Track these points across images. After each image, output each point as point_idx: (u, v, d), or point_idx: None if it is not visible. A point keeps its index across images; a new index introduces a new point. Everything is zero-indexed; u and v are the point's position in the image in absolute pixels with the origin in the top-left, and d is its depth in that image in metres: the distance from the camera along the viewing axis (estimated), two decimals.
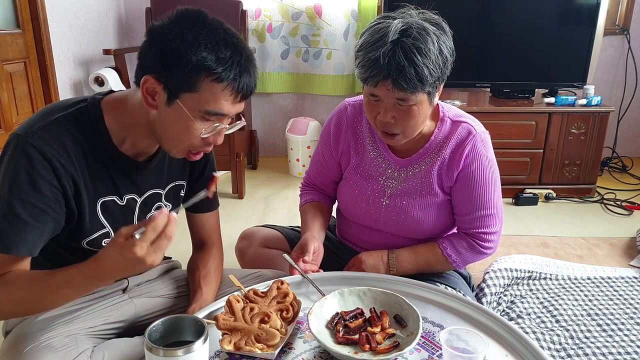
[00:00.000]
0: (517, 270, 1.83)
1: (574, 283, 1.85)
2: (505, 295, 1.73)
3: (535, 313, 1.62)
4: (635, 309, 1.67)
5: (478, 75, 2.97)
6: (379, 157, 1.31)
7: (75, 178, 0.93)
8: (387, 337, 0.94)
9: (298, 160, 3.18)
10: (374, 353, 0.89)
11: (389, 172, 1.31)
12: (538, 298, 1.72)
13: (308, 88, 3.47)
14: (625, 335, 1.52)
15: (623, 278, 1.89)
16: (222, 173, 3.12)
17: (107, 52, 2.78)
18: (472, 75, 2.95)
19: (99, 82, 2.72)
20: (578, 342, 1.49)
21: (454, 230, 1.38)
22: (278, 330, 0.92)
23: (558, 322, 1.58)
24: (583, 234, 2.37)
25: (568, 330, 1.53)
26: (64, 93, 2.69)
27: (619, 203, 2.78)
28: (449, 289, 1.29)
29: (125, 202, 1.03)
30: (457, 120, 1.26)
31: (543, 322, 1.57)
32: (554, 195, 2.83)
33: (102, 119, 0.96)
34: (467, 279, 1.45)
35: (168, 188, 1.12)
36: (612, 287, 1.82)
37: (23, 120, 1.18)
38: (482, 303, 1.65)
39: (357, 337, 0.93)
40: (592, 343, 1.48)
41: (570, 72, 2.88)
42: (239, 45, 0.89)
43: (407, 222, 1.30)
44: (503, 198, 1.31)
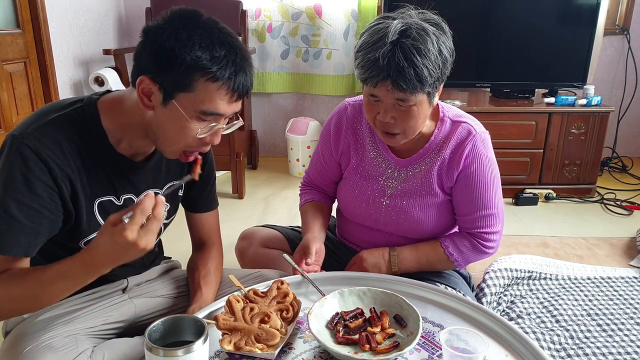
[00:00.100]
0: (517, 270, 1.83)
1: (574, 283, 1.85)
2: (505, 295, 1.73)
3: (535, 313, 1.62)
4: (635, 309, 1.67)
5: (478, 75, 2.97)
6: (379, 157, 1.31)
7: (72, 178, 0.92)
8: (387, 337, 0.94)
9: (298, 160, 3.18)
10: (374, 353, 0.89)
11: (389, 172, 1.31)
12: (538, 298, 1.72)
13: (308, 88, 3.47)
14: (625, 335, 1.52)
15: (623, 278, 1.89)
16: (222, 173, 3.12)
17: (107, 52, 2.78)
18: (472, 75, 2.95)
19: (99, 82, 2.72)
20: (578, 342, 1.49)
21: (455, 230, 1.38)
22: (278, 330, 0.92)
23: (558, 322, 1.58)
24: (583, 234, 2.37)
25: (568, 330, 1.53)
26: (64, 93, 2.69)
27: (619, 203, 2.78)
28: (449, 289, 1.29)
29: (123, 202, 1.03)
30: (457, 120, 1.26)
31: (543, 322, 1.57)
32: (554, 195, 2.83)
33: (98, 119, 0.95)
34: (467, 279, 1.45)
35: (165, 188, 1.11)
36: (612, 287, 1.82)
37: None
38: (482, 303, 1.65)
39: (357, 337, 0.93)
40: (592, 343, 1.48)
41: (570, 72, 2.88)
42: (234, 44, 0.89)
43: (407, 222, 1.30)
44: (503, 198, 1.31)
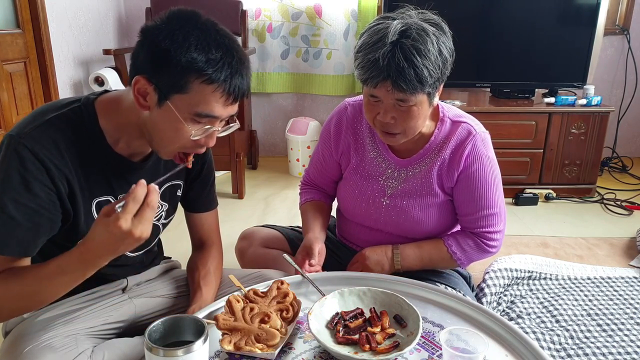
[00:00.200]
0: (517, 270, 1.83)
1: (574, 283, 1.85)
2: (505, 295, 1.73)
3: (535, 313, 1.62)
4: (635, 309, 1.67)
5: (478, 75, 2.97)
6: (379, 157, 1.31)
7: (69, 178, 0.92)
8: (387, 337, 0.94)
9: (298, 160, 3.18)
10: (374, 353, 0.89)
11: (389, 172, 1.31)
12: (538, 298, 1.72)
13: (308, 88, 3.47)
14: (625, 335, 1.52)
15: (623, 278, 1.89)
16: (222, 173, 3.12)
17: (107, 52, 2.78)
18: (472, 75, 2.95)
19: (99, 82, 2.72)
20: (578, 342, 1.49)
21: (457, 229, 1.38)
22: (278, 330, 0.92)
23: (558, 322, 1.58)
24: (583, 234, 2.37)
25: (568, 330, 1.53)
26: (64, 93, 2.69)
27: (619, 203, 2.78)
28: (449, 289, 1.29)
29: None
30: (457, 121, 1.26)
31: (543, 322, 1.57)
32: (554, 195, 2.83)
33: (95, 119, 0.95)
34: (467, 279, 1.45)
35: (164, 188, 1.11)
36: (612, 287, 1.82)
37: None
38: (482, 303, 1.65)
39: (357, 337, 0.93)
40: (592, 343, 1.48)
41: (570, 72, 2.88)
42: (231, 47, 0.88)
43: (407, 222, 1.30)
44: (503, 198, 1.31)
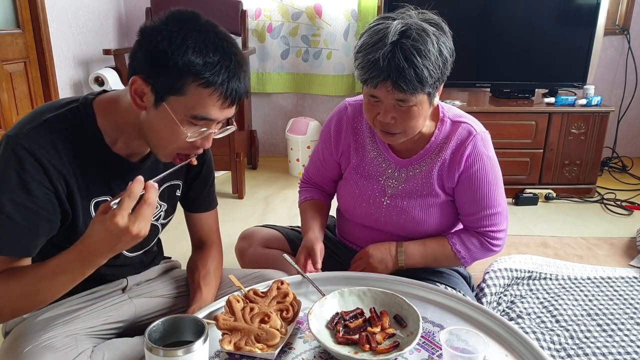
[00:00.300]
0: (517, 270, 1.83)
1: (574, 283, 1.85)
2: (505, 295, 1.73)
3: (535, 313, 1.62)
4: (635, 309, 1.67)
5: (478, 75, 2.97)
6: (379, 157, 1.31)
7: (67, 178, 0.92)
8: (387, 337, 0.94)
9: (298, 160, 3.18)
10: (374, 353, 0.89)
11: (389, 172, 1.31)
12: (538, 298, 1.72)
13: (308, 88, 3.47)
14: (625, 335, 1.52)
15: (623, 278, 1.89)
16: (222, 173, 3.12)
17: (107, 52, 2.78)
18: (472, 75, 2.95)
19: (99, 82, 2.72)
20: (578, 342, 1.49)
21: (459, 227, 1.38)
22: (278, 330, 0.92)
23: (558, 322, 1.58)
24: (583, 234, 2.37)
25: (568, 330, 1.53)
26: (64, 93, 2.69)
27: (619, 203, 2.78)
28: (449, 289, 1.29)
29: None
30: (457, 121, 1.26)
31: (543, 322, 1.57)
32: (554, 195, 2.83)
33: (94, 119, 0.95)
34: (467, 279, 1.45)
35: (163, 188, 1.11)
36: (612, 287, 1.82)
37: None
38: (482, 303, 1.65)
39: (357, 337, 0.93)
40: (592, 343, 1.48)
41: (570, 72, 2.88)
42: (229, 50, 0.88)
43: (407, 222, 1.30)
44: None
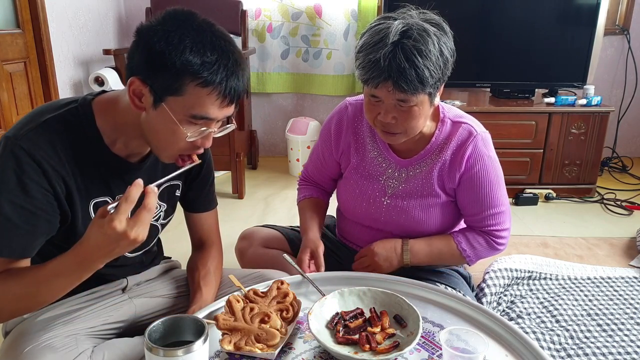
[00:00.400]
0: (517, 270, 1.83)
1: (574, 283, 1.85)
2: (505, 295, 1.73)
3: (535, 313, 1.62)
4: (635, 309, 1.67)
5: (478, 75, 2.97)
6: (380, 156, 1.31)
7: (66, 179, 0.92)
8: (387, 337, 0.94)
9: (298, 160, 3.18)
10: (374, 353, 0.89)
11: (390, 172, 1.31)
12: (538, 298, 1.72)
13: (308, 88, 3.47)
14: (625, 335, 1.52)
15: (623, 278, 1.89)
16: (222, 173, 3.12)
17: (107, 52, 2.78)
18: (472, 75, 2.95)
19: (99, 82, 2.72)
20: (578, 342, 1.49)
21: (457, 228, 1.38)
22: (278, 330, 0.92)
23: (558, 322, 1.58)
24: (583, 234, 2.37)
25: (568, 330, 1.53)
26: (64, 93, 2.68)
27: (619, 203, 2.78)
28: (449, 289, 1.29)
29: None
30: (457, 121, 1.26)
31: (543, 322, 1.57)
32: (554, 195, 2.83)
33: (93, 120, 0.95)
34: (467, 279, 1.45)
35: (163, 188, 1.11)
36: (612, 287, 1.82)
37: None
38: (482, 303, 1.65)
39: (357, 337, 0.93)
40: (592, 343, 1.48)
41: (570, 72, 2.88)
42: (227, 48, 0.87)
43: (408, 222, 1.30)
44: None
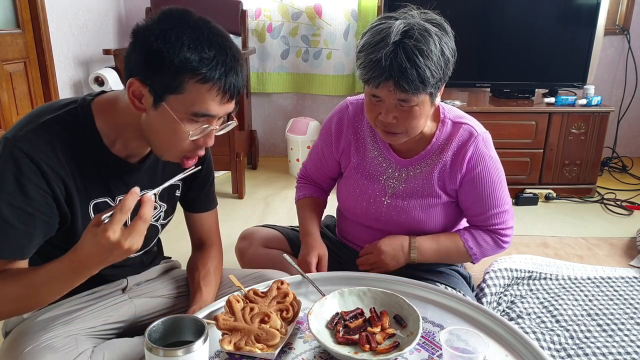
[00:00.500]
0: (517, 270, 1.83)
1: (574, 283, 1.85)
2: (505, 295, 1.73)
3: (535, 313, 1.62)
4: (635, 309, 1.67)
5: (478, 75, 2.97)
6: (380, 156, 1.31)
7: (66, 181, 0.92)
8: (387, 337, 0.94)
9: (298, 160, 3.18)
10: (374, 353, 0.89)
11: (390, 171, 1.31)
12: (538, 298, 1.72)
13: (308, 88, 3.47)
14: (626, 335, 1.52)
15: (623, 278, 1.89)
16: (222, 173, 3.12)
17: (107, 52, 2.78)
18: (472, 75, 2.95)
19: (99, 82, 2.72)
20: (578, 342, 1.49)
21: (457, 228, 1.38)
22: (278, 330, 0.92)
23: (558, 322, 1.58)
24: (583, 234, 2.37)
25: (568, 330, 1.53)
26: (64, 93, 2.68)
27: (619, 203, 2.78)
28: (449, 289, 1.29)
29: (118, 203, 1.03)
30: (458, 122, 1.26)
31: (543, 322, 1.57)
32: (554, 195, 2.83)
33: (92, 121, 0.94)
34: (467, 279, 1.45)
35: (162, 189, 1.11)
36: (612, 287, 1.82)
37: None
38: (482, 303, 1.65)
39: (357, 337, 0.93)
40: (592, 343, 1.48)
41: (570, 72, 2.88)
42: (224, 44, 0.87)
43: (408, 222, 1.30)
44: None
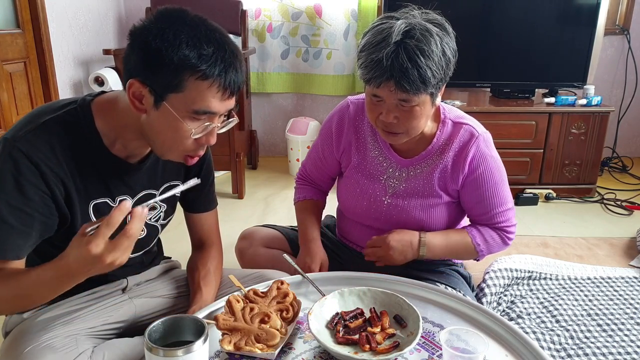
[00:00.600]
0: (517, 270, 1.83)
1: (574, 283, 1.85)
2: (505, 295, 1.73)
3: (535, 313, 1.62)
4: (635, 309, 1.67)
5: (478, 75, 2.97)
6: (381, 156, 1.31)
7: (65, 181, 0.92)
8: (387, 337, 0.94)
9: (298, 160, 3.18)
10: (374, 353, 0.89)
11: (390, 171, 1.31)
12: (538, 298, 1.72)
13: (308, 88, 3.47)
14: (625, 335, 1.52)
15: (623, 278, 1.89)
16: (222, 173, 3.12)
17: (107, 52, 2.78)
18: (472, 75, 2.95)
19: (99, 82, 2.72)
20: (578, 342, 1.49)
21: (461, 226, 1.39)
22: (278, 330, 0.92)
23: (558, 322, 1.58)
24: (583, 234, 2.37)
25: (568, 330, 1.53)
26: (64, 93, 2.68)
27: (619, 203, 2.78)
28: (449, 289, 1.29)
29: (118, 203, 1.02)
30: (458, 122, 1.26)
31: (543, 322, 1.57)
32: (554, 195, 2.83)
33: (92, 121, 0.94)
34: (467, 279, 1.45)
35: (162, 188, 1.11)
36: (612, 287, 1.82)
37: None
38: (482, 303, 1.65)
39: (357, 337, 0.93)
40: (592, 343, 1.48)
41: (570, 72, 2.88)
42: (222, 41, 0.87)
43: (408, 222, 1.30)
44: None
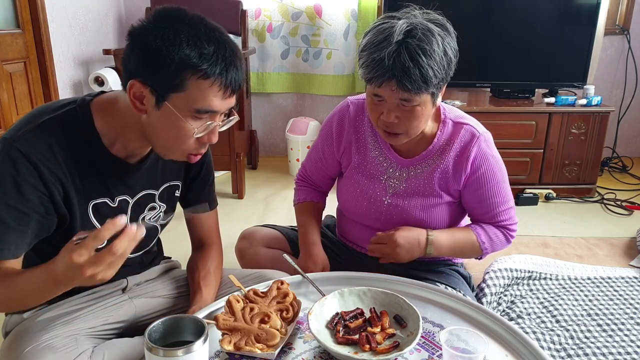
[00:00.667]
0: (517, 270, 1.83)
1: (574, 283, 1.85)
2: (505, 295, 1.73)
3: (535, 313, 1.62)
4: (635, 309, 1.67)
5: (478, 75, 2.97)
6: (381, 156, 1.31)
7: (64, 181, 0.92)
8: (387, 337, 0.94)
9: (298, 160, 3.18)
10: (374, 353, 0.89)
11: (391, 171, 1.31)
12: (538, 298, 1.72)
13: (308, 88, 3.47)
14: (625, 335, 1.52)
15: (623, 278, 1.89)
16: (222, 173, 3.12)
17: (107, 52, 2.78)
18: (472, 75, 2.95)
19: (99, 82, 2.72)
20: (578, 342, 1.49)
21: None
22: (278, 330, 0.92)
23: (558, 322, 1.58)
24: (583, 234, 2.37)
25: (568, 330, 1.53)
26: (64, 93, 2.69)
27: (619, 203, 2.78)
28: (449, 289, 1.29)
29: (117, 203, 1.02)
30: (459, 122, 1.26)
31: (543, 322, 1.57)
32: (554, 195, 2.83)
33: (91, 121, 0.94)
34: (467, 279, 1.45)
35: (162, 189, 1.11)
36: (612, 287, 1.82)
37: None
38: (482, 303, 1.65)
39: (357, 337, 0.93)
40: (592, 343, 1.48)
41: (570, 72, 2.88)
42: (222, 39, 0.87)
43: (408, 222, 1.30)
44: None
